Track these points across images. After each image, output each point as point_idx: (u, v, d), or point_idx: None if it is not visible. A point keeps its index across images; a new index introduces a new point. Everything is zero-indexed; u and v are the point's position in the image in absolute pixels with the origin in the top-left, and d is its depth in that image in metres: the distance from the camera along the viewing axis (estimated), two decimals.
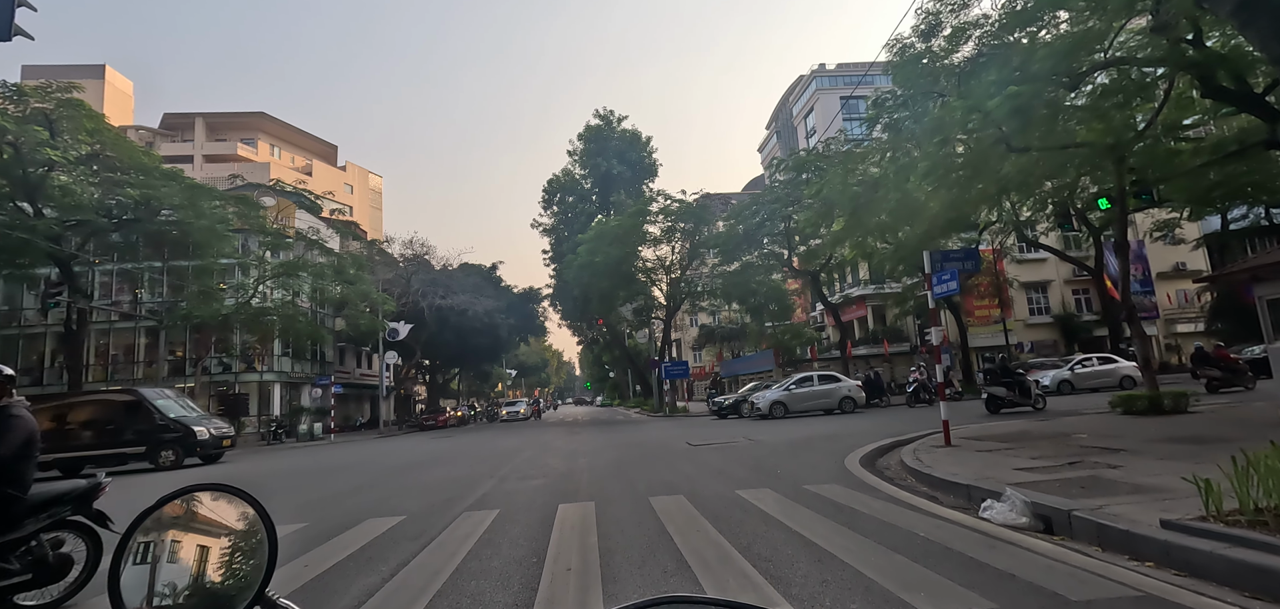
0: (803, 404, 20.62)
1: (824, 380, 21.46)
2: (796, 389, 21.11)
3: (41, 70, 33.40)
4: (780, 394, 20.91)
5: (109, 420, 16.47)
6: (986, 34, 11.62)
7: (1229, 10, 6.49)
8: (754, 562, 3.98)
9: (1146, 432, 8.40)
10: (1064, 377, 23.14)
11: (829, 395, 20.75)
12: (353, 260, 33.37)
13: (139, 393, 17.25)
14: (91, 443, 16.08)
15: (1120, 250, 13.03)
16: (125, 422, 16.33)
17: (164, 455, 16.03)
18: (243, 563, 0.84)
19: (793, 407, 20.46)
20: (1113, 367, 22.99)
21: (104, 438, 16.13)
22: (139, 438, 16.12)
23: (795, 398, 20.72)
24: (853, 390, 20.98)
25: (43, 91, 20.71)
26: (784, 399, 20.64)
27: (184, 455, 16.25)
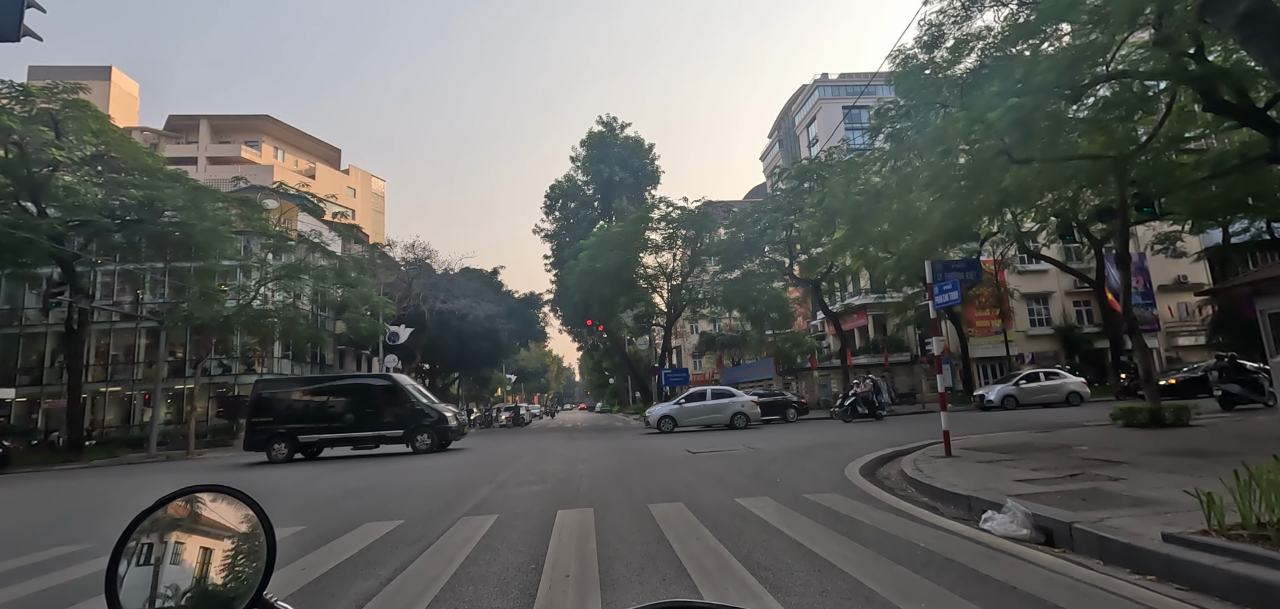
0: (693, 419, 20.53)
1: (717, 396, 21.32)
2: (688, 404, 21.09)
3: (48, 71, 33.54)
4: (671, 409, 21.00)
5: (370, 403, 17.02)
6: (989, 46, 11.66)
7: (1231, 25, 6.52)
8: (753, 570, 3.96)
9: (1147, 444, 8.37)
10: (1009, 392, 23.48)
11: (721, 410, 20.59)
12: (354, 263, 33.39)
13: (393, 378, 18.02)
14: (354, 423, 16.67)
15: (1121, 262, 13.04)
16: (384, 405, 16.88)
17: (420, 439, 16.59)
18: (241, 565, 0.83)
19: (682, 421, 20.44)
20: (1058, 382, 23.50)
21: (366, 419, 16.71)
22: (397, 421, 16.70)
23: (686, 412, 20.69)
24: (747, 405, 20.73)
25: (49, 92, 20.79)
26: (673, 414, 20.67)
27: (438, 439, 16.73)
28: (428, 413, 16.98)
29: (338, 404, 17.01)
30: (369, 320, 32.67)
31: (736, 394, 21.62)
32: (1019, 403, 22.99)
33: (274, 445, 16.46)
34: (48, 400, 29.32)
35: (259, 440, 16.61)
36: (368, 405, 16.95)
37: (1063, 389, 23.04)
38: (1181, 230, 24.72)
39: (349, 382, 18.01)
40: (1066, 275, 32.08)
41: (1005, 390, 23.65)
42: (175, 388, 29.73)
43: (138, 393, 30.18)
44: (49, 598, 4.34)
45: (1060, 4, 9.90)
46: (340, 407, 16.94)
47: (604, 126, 41.87)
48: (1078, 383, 23.44)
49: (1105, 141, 11.92)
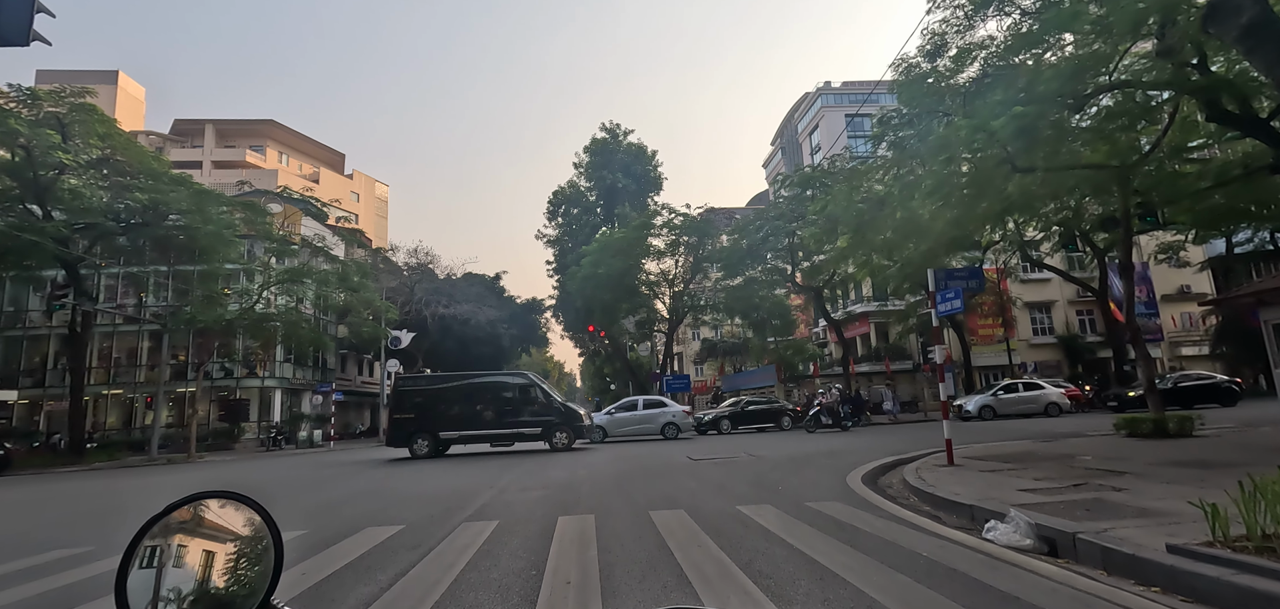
0: (623, 429, 20.50)
1: (649, 406, 21.27)
2: (619, 414, 21.07)
3: (56, 75, 33.82)
4: (602, 420, 20.96)
5: (508, 401, 17.15)
6: (992, 55, 11.67)
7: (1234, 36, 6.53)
8: (755, 578, 3.94)
9: (1151, 455, 8.33)
10: (986, 402, 23.49)
11: (652, 420, 20.54)
12: (357, 268, 33.48)
13: (529, 376, 18.28)
14: (493, 421, 16.83)
15: (1125, 272, 13.01)
16: (522, 403, 17.03)
17: (558, 437, 16.75)
18: (249, 570, 0.84)
19: (613, 431, 20.38)
20: (1038, 393, 23.44)
21: (505, 417, 16.86)
22: (535, 419, 16.85)
23: (617, 423, 20.66)
24: (677, 416, 20.69)
25: (56, 95, 20.95)
26: (604, 424, 20.60)
27: (573, 438, 16.90)
28: (564, 411, 17.30)
29: (477, 402, 17.17)
30: (371, 324, 32.73)
31: (668, 405, 21.51)
32: (997, 413, 22.94)
33: (416, 441, 16.64)
34: (50, 403, 29.38)
35: (402, 436, 16.79)
36: (507, 403, 17.12)
37: (1042, 400, 22.99)
38: (1185, 240, 24.67)
39: (487, 380, 18.13)
40: (1069, 284, 32.03)
41: (983, 401, 23.67)
42: (177, 391, 29.76)
43: (139, 396, 30.24)
44: (50, 601, 4.34)
45: (1063, 14, 9.93)
46: (480, 404, 17.10)
47: (607, 133, 42.02)
48: (1057, 394, 23.46)
49: (1108, 151, 11.91)
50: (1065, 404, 23.05)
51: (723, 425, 23.65)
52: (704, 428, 23.55)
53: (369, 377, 44.01)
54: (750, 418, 24.16)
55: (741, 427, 23.75)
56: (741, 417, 24.17)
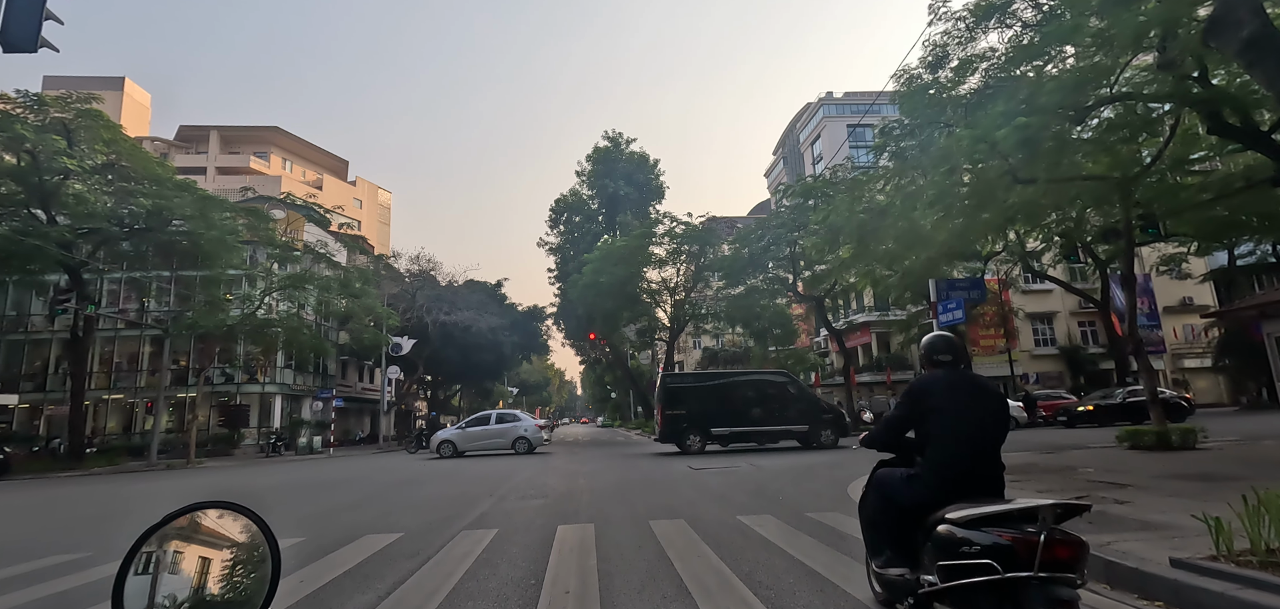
0: (475, 444, 20.23)
1: (500, 420, 20.96)
2: (470, 428, 20.80)
3: (62, 81, 34.10)
4: (452, 434, 20.72)
5: (775, 399, 17.38)
6: (993, 67, 11.71)
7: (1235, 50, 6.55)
8: (755, 589, 3.92)
9: (1154, 468, 8.29)
10: None
11: (503, 434, 20.32)
12: (359, 274, 33.52)
13: (790, 375, 18.60)
14: (761, 418, 17.10)
15: (1126, 284, 12.98)
16: (788, 401, 17.27)
17: (824, 434, 16.91)
18: (246, 579, 0.84)
19: (462, 446, 20.13)
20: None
21: (772, 414, 17.10)
22: (801, 417, 17.03)
23: (467, 437, 20.38)
24: (529, 431, 20.42)
25: (62, 101, 21.08)
26: (454, 439, 20.39)
27: (836, 437, 17.05)
28: (829, 410, 17.58)
29: (744, 399, 17.38)
30: (373, 331, 32.74)
31: (521, 419, 21.16)
32: None
33: (689, 437, 17.00)
34: (50, 407, 29.37)
35: (675, 433, 17.12)
36: (773, 401, 17.32)
37: None
38: (1187, 252, 24.64)
39: (753, 378, 18.43)
40: (1071, 296, 31.95)
41: None
42: (177, 396, 29.75)
43: (140, 400, 30.22)
44: (48, 605, 4.33)
45: (1064, 27, 9.97)
46: (746, 402, 17.32)
47: (610, 141, 42.15)
48: (1013, 408, 23.31)
49: (1110, 163, 11.93)
50: (1021, 418, 22.99)
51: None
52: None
53: (369, 383, 43.97)
54: None
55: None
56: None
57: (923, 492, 2.84)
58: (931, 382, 3.02)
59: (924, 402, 2.95)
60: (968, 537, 2.34)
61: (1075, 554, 2.19)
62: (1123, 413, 20.51)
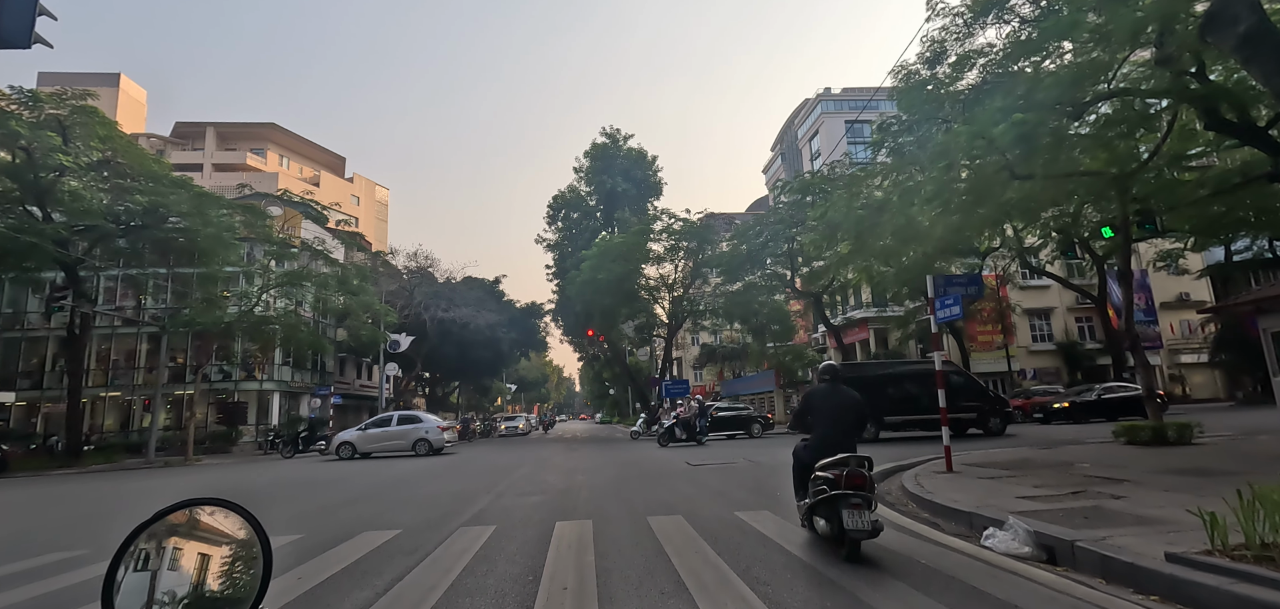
0: (375, 445, 20.05)
1: (403, 421, 20.74)
2: (371, 430, 20.62)
3: (57, 77, 33.93)
4: (352, 435, 20.51)
5: (948, 385, 17.28)
6: (991, 62, 11.72)
7: (1232, 45, 6.56)
8: (752, 585, 3.93)
9: (1150, 462, 8.32)
10: None
11: (405, 436, 20.12)
12: (357, 271, 33.46)
13: (953, 363, 18.60)
14: (931, 406, 17.01)
15: (1123, 279, 13.02)
16: (961, 392, 17.32)
17: (992, 422, 17.27)
18: (238, 576, 0.83)
19: (362, 447, 19.95)
20: None
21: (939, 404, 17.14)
22: (971, 405, 17.27)
23: (368, 438, 20.18)
24: (431, 432, 20.14)
25: (57, 98, 20.96)
26: (354, 440, 20.20)
27: (1004, 424, 17.49)
28: (994, 398, 17.89)
29: (915, 389, 17.43)
30: (370, 328, 32.69)
31: (422, 420, 20.87)
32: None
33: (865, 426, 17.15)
34: (47, 405, 29.31)
35: None
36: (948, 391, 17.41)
37: None
38: (1184, 248, 24.71)
39: (919, 367, 18.48)
40: (1068, 291, 32.04)
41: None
42: (175, 393, 29.69)
43: (137, 398, 30.17)
44: (45, 603, 4.32)
45: (1062, 22, 9.97)
46: (918, 391, 17.30)
47: (608, 138, 42.07)
48: None
49: (1107, 158, 11.95)
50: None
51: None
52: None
53: (367, 380, 43.93)
54: (720, 426, 23.29)
55: (710, 433, 22.70)
56: (711, 424, 22.87)
57: (810, 454, 4.97)
58: (815, 392, 5.32)
59: (810, 403, 5.27)
60: (822, 475, 4.56)
61: (863, 480, 4.38)
62: (1098, 409, 20.88)
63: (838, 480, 4.37)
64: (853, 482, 4.35)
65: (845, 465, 4.42)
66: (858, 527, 4.27)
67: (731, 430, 23.37)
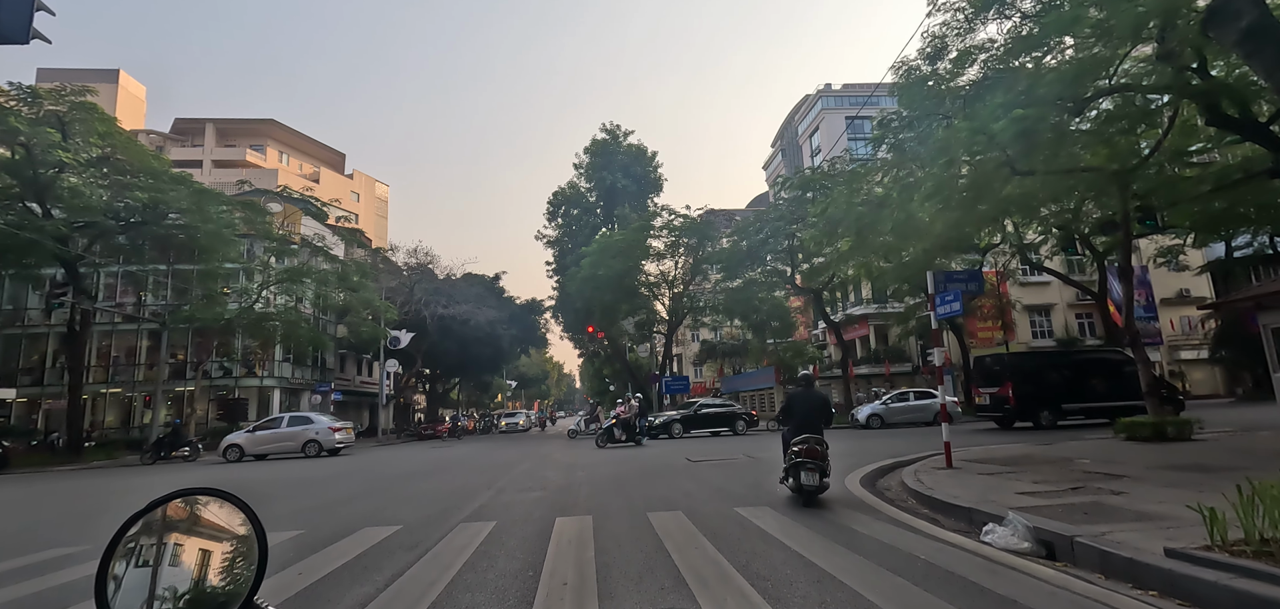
0: (264, 447, 19.97)
1: (293, 422, 20.62)
2: (258, 432, 20.56)
3: (56, 73, 33.83)
4: (240, 438, 20.40)
5: (1115, 376, 17.62)
6: (992, 58, 11.66)
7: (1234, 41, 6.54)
8: (752, 581, 3.93)
9: (1149, 458, 8.32)
10: (876, 410, 23.38)
11: (294, 438, 19.99)
12: (357, 267, 33.44)
13: (1124, 352, 18.67)
14: (1103, 394, 17.44)
15: (1124, 275, 13.01)
16: (1129, 377, 17.14)
17: (1166, 410, 17.40)
18: (232, 568, 0.83)
19: (250, 449, 19.84)
20: (929, 402, 23.18)
21: (1114, 391, 17.22)
22: (1138, 392, 17.61)
23: (256, 440, 20.11)
24: (321, 433, 20.01)
25: (56, 94, 20.92)
26: (242, 442, 20.09)
27: (1177, 412, 17.18)
28: (1167, 386, 18.12)
29: (1090, 376, 17.61)
30: (370, 324, 32.69)
31: (313, 421, 20.72)
32: (885, 422, 22.76)
33: (1041, 413, 17.43)
34: (48, 401, 29.34)
35: (1027, 409, 17.53)
36: (1115, 377, 17.50)
37: (931, 409, 22.77)
38: (1184, 244, 24.70)
39: (1093, 356, 18.78)
40: (1069, 288, 32.02)
41: (872, 409, 23.63)
42: (175, 390, 29.71)
43: (138, 395, 30.19)
44: (44, 600, 4.33)
45: (1064, 18, 9.92)
46: (1092, 378, 17.55)
47: (607, 134, 41.97)
48: (950, 402, 23.26)
49: (1108, 154, 11.92)
50: (955, 412, 22.91)
51: (674, 429, 22.85)
52: (655, 432, 22.57)
53: (368, 376, 43.94)
54: (703, 422, 23.32)
55: (693, 430, 22.99)
56: (694, 420, 23.33)
57: (789, 435, 6.91)
58: (794, 393, 7.46)
59: (791, 400, 7.38)
60: (794, 449, 6.54)
61: (817, 453, 6.45)
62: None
63: (799, 451, 6.49)
64: (810, 454, 6.46)
65: (806, 442, 6.51)
66: (809, 483, 6.43)
67: (716, 427, 23.27)
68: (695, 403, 25.17)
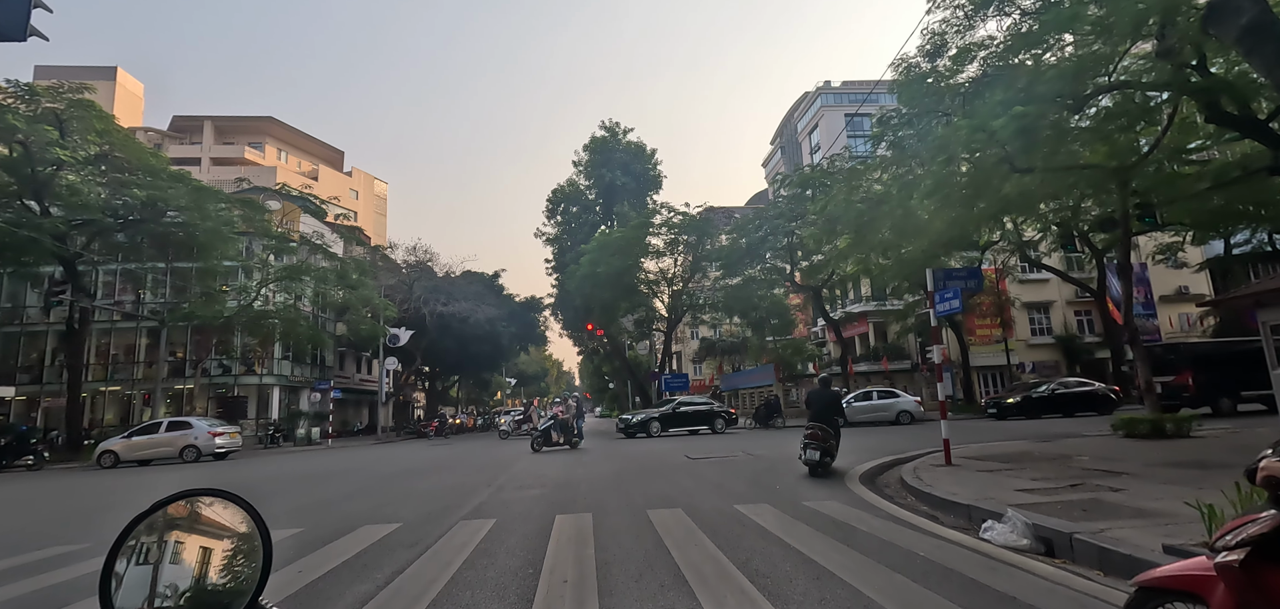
0: (140, 453, 19.26)
1: (172, 428, 19.88)
2: (136, 437, 19.75)
3: (54, 70, 33.74)
4: (117, 444, 19.51)
5: None
6: (992, 55, 11.66)
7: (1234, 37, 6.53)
8: (752, 578, 3.94)
9: (1148, 455, 8.34)
10: None
11: (172, 444, 19.46)
12: (356, 265, 33.40)
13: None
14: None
15: (1123, 273, 13.02)
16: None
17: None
18: (237, 568, 0.83)
19: (126, 456, 19.08)
20: (891, 401, 23.38)
21: None
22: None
23: (132, 447, 19.34)
24: (200, 438, 19.42)
25: (54, 91, 20.86)
26: (117, 449, 19.18)
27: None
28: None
29: (1263, 363, 17.71)
30: (370, 322, 32.66)
31: (192, 426, 20.10)
32: (847, 421, 22.59)
33: (1221, 399, 17.90)
34: (47, 399, 29.29)
35: (1206, 396, 17.88)
36: None
37: (893, 408, 22.96)
38: (1183, 241, 24.70)
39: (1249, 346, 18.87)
40: (1068, 285, 32.03)
41: None
42: (175, 388, 29.68)
43: (137, 393, 30.14)
44: (44, 597, 4.33)
45: (1063, 14, 9.92)
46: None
47: (607, 131, 41.92)
48: (910, 402, 23.42)
49: (1107, 152, 11.91)
50: (918, 412, 23.10)
51: (652, 427, 22.39)
52: (632, 431, 22.32)
53: (367, 374, 43.92)
54: (681, 420, 22.92)
55: (672, 429, 22.61)
56: (672, 419, 22.88)
57: (807, 422, 9.19)
58: (812, 392, 9.93)
59: (810, 398, 9.76)
60: (806, 432, 9.06)
61: (819, 436, 8.84)
62: (1050, 405, 21.26)
63: (808, 434, 8.92)
64: (812, 436, 8.81)
65: (813, 428, 8.89)
66: (809, 458, 8.78)
67: (694, 426, 22.91)
68: (674, 401, 24.68)
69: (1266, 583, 1.55)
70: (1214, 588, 1.70)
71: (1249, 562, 1.58)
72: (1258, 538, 1.58)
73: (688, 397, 27.02)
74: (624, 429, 23.09)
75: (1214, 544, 1.73)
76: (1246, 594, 1.58)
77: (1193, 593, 1.83)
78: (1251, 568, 1.58)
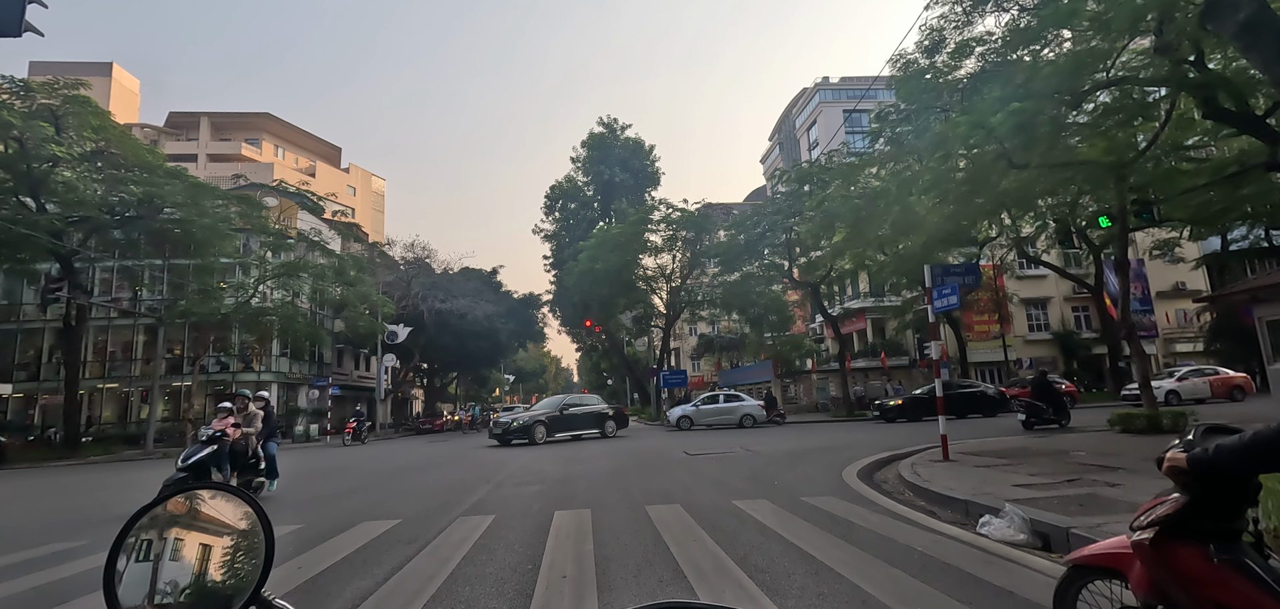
0: None
1: None
2: None
3: (49, 66, 33.52)
4: None
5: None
6: (990, 51, 11.66)
7: (1232, 33, 6.54)
8: (750, 573, 3.96)
9: (1145, 450, 8.37)
10: (686, 412, 24.02)
11: None
12: (353, 262, 33.33)
13: None
14: None
15: (1120, 269, 13.05)
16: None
17: None
18: (239, 563, 0.83)
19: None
20: (736, 404, 24.12)
21: None
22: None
23: None
24: None
25: (50, 88, 20.76)
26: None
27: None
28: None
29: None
30: (368, 319, 32.63)
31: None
32: (695, 423, 23.28)
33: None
34: (45, 396, 29.25)
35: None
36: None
37: (737, 412, 23.57)
38: (1180, 237, 24.77)
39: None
40: (1065, 281, 32.07)
41: (683, 410, 24.21)
42: (173, 385, 29.64)
43: (135, 390, 30.12)
44: (44, 594, 4.33)
45: (1062, 10, 9.91)
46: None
47: (605, 128, 41.85)
48: (753, 406, 24.02)
49: (1105, 147, 11.93)
50: (760, 416, 23.58)
51: (537, 433, 18.75)
52: (509, 438, 18.51)
53: (365, 371, 43.89)
54: (567, 423, 19.88)
55: (558, 433, 19.51)
56: (559, 422, 19.71)
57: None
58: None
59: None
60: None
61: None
62: (932, 408, 20.95)
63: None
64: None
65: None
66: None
67: (578, 429, 20.04)
68: (562, 401, 21.50)
69: (1174, 558, 1.69)
70: (1131, 564, 1.88)
71: (1158, 539, 1.73)
72: (1164, 518, 1.72)
73: (577, 396, 23.93)
74: (498, 436, 18.85)
75: (1131, 525, 1.88)
76: (1157, 569, 1.74)
77: (1114, 569, 2.02)
78: (1160, 545, 1.72)
